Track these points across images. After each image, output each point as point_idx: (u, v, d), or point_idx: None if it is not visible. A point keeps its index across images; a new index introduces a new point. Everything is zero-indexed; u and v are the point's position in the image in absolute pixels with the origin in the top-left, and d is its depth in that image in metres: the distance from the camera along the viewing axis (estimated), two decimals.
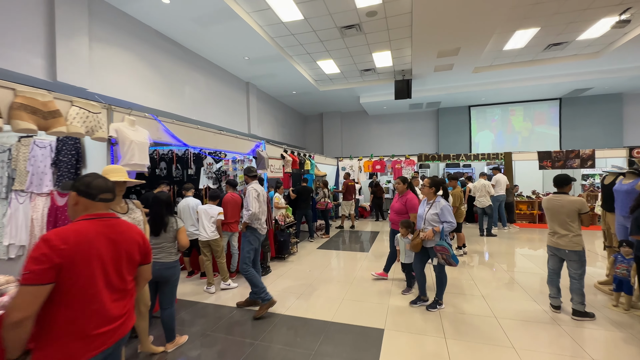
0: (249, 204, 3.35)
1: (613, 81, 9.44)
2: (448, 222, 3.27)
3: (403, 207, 4.12)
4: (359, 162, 9.96)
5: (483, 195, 7.49)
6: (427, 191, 3.48)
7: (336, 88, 10.45)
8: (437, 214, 3.32)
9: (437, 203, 3.37)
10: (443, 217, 3.28)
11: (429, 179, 3.55)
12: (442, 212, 3.30)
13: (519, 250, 6.12)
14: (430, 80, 9.79)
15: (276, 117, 11.69)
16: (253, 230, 3.45)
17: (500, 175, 7.94)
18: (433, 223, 3.33)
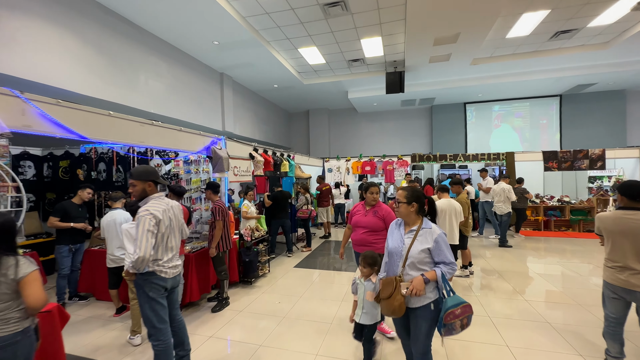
0: (138, 239, 2.04)
1: (619, 76, 8.77)
2: (448, 264, 1.93)
3: (380, 222, 2.71)
4: (347, 163, 9.02)
5: (502, 201, 6.65)
6: (406, 210, 2.06)
7: (322, 81, 9.50)
8: (428, 250, 1.96)
9: (427, 231, 1.99)
10: (440, 255, 1.94)
11: (404, 189, 2.13)
12: (437, 246, 1.94)
13: (535, 267, 5.25)
14: (424, 73, 8.93)
15: (257, 114, 10.65)
16: (149, 275, 2.16)
17: (489, 179, 7.22)
18: (421, 266, 1.96)
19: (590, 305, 3.56)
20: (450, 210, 4.06)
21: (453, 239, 4.08)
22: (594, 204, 7.29)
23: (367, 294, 2.38)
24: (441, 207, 4.09)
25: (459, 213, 4.09)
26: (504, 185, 6.71)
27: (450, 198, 4.18)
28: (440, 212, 4.07)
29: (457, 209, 4.08)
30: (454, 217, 4.06)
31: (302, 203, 6.01)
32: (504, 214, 6.65)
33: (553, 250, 6.14)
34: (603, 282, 2.35)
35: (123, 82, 5.56)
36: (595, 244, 6.57)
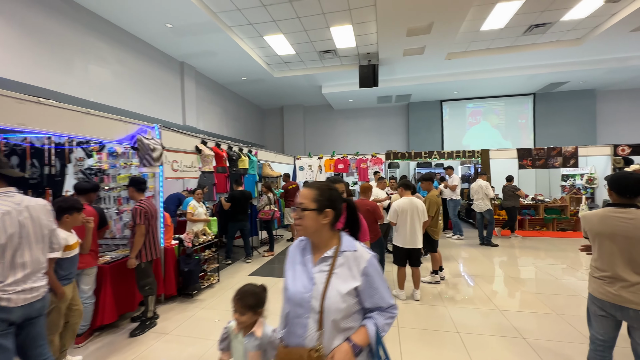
0: None
1: (590, 74, 8.78)
2: (385, 310, 1.21)
3: None
4: (320, 161, 8.54)
5: (481, 199, 6.43)
6: (314, 223, 1.21)
7: (293, 74, 8.97)
8: (355, 292, 1.17)
9: (350, 257, 1.20)
10: (373, 296, 1.19)
11: (311, 186, 1.28)
12: (367, 282, 1.18)
13: (510, 270, 4.95)
14: (399, 68, 8.59)
15: (225, 109, 9.98)
16: None
17: (455, 176, 6.99)
18: (347, 323, 1.16)
19: (570, 315, 3.23)
20: (412, 210, 3.66)
21: (415, 242, 3.69)
22: (567, 202, 7.18)
23: (249, 357, 1.46)
24: (402, 207, 3.69)
25: (422, 212, 3.71)
26: (482, 182, 6.47)
27: (412, 197, 3.77)
28: (400, 212, 3.68)
29: (420, 208, 3.69)
30: (416, 218, 3.65)
31: (264, 203, 5.46)
32: (483, 211, 6.39)
33: (528, 251, 5.91)
34: (589, 295, 1.93)
35: (61, 68, 4.81)
36: (569, 244, 6.42)
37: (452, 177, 7.05)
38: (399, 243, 3.74)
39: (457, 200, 6.90)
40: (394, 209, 3.71)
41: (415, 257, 3.76)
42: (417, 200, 3.70)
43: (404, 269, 3.81)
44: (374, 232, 3.81)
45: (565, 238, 6.75)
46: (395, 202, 3.75)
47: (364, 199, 3.89)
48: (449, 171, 7.16)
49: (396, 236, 3.78)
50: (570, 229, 7.30)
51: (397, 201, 3.73)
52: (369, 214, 3.78)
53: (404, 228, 3.66)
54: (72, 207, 2.33)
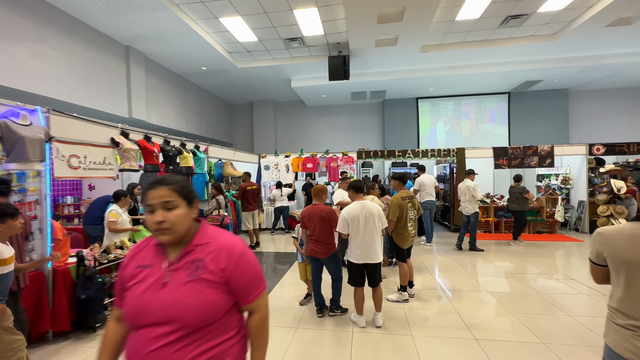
0: None
1: (563, 73, 8.65)
2: None
3: None
4: (286, 160, 7.85)
5: (468, 201, 5.89)
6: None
7: (258, 65, 8.23)
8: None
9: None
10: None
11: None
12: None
13: (488, 282, 4.47)
14: (372, 61, 8.06)
15: (185, 102, 9.07)
16: None
17: (425, 176, 6.47)
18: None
19: (559, 345, 2.71)
20: (366, 216, 2.99)
21: (372, 255, 3.00)
22: (543, 203, 6.89)
23: None
24: (352, 214, 3.00)
25: (379, 217, 3.07)
26: (469, 182, 5.94)
27: (365, 200, 3.16)
28: (351, 220, 3.01)
29: (375, 212, 3.04)
30: (372, 225, 3.00)
31: (212, 207, 4.69)
32: (470, 214, 5.89)
33: (505, 256, 5.50)
34: (606, 349, 1.33)
35: None
36: (544, 247, 6.09)
37: (419, 178, 6.49)
38: (352, 258, 3.06)
39: (432, 201, 6.40)
40: (342, 217, 3.05)
41: (374, 273, 3.06)
42: (370, 204, 3.07)
43: (362, 290, 3.10)
44: (328, 245, 3.18)
45: (541, 241, 6.44)
46: (343, 209, 3.10)
47: (317, 203, 3.24)
48: (419, 172, 6.64)
49: (349, 250, 3.14)
50: (546, 231, 7.03)
51: (346, 207, 3.10)
52: (324, 222, 3.14)
53: (357, 239, 3.00)
54: (3, 214, 1.96)
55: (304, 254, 3.41)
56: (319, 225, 3.15)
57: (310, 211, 3.21)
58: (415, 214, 3.88)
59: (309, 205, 3.31)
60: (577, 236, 6.75)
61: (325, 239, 3.16)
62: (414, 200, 3.89)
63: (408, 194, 3.89)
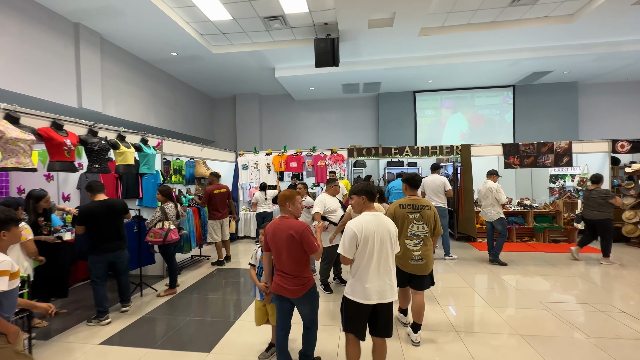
0: None
1: (576, 62, 7.82)
2: None
3: None
4: (267, 158, 6.87)
5: (490, 205, 5.02)
6: None
7: (236, 50, 7.24)
8: None
9: None
10: None
11: None
12: None
13: (515, 315, 3.54)
14: (365, 46, 7.12)
15: (156, 94, 8.04)
16: None
17: (430, 176, 5.47)
18: None
19: None
20: (384, 236, 2.06)
21: (387, 293, 2.07)
22: (560, 208, 6.03)
23: None
24: (366, 229, 2.05)
25: (395, 238, 2.13)
26: (491, 184, 5.03)
27: (377, 211, 2.20)
28: (364, 239, 2.04)
29: (393, 232, 2.13)
30: (389, 249, 2.08)
31: (155, 219, 3.66)
32: (493, 220, 5.00)
33: (532, 275, 4.56)
34: None
35: None
36: (563, 262, 5.20)
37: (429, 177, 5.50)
38: (358, 296, 2.06)
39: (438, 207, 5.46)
40: (350, 232, 2.06)
41: (386, 318, 2.11)
42: (386, 219, 2.14)
43: (359, 345, 2.16)
44: (300, 278, 2.22)
45: (558, 253, 5.56)
46: (351, 222, 2.12)
47: (285, 216, 2.28)
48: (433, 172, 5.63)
49: (352, 283, 2.13)
50: (562, 240, 6.16)
51: (356, 219, 2.12)
52: (292, 245, 2.17)
53: (368, 269, 2.04)
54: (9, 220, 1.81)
55: (264, 290, 2.44)
56: (285, 249, 2.18)
57: (275, 228, 2.25)
58: (427, 229, 2.87)
59: (275, 219, 2.33)
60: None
61: (296, 270, 2.20)
62: (425, 212, 2.87)
63: (414, 202, 2.93)
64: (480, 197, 5.15)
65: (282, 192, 2.33)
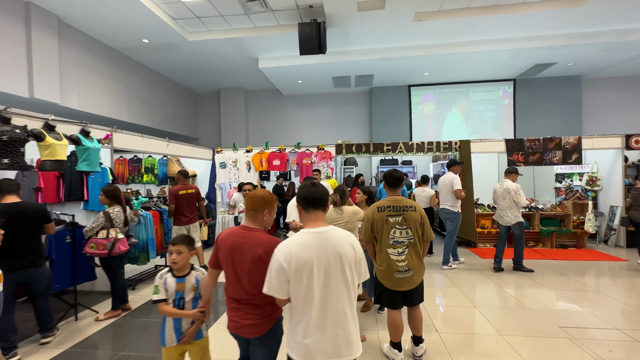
0: None
1: (582, 52, 7.29)
2: None
3: None
4: (247, 155, 6.25)
5: (507, 207, 4.45)
6: None
7: (215, 37, 6.60)
8: None
9: None
10: None
11: None
12: None
13: (538, 336, 2.95)
14: (355, 32, 6.53)
15: (129, 87, 7.38)
16: None
17: (449, 173, 4.92)
18: None
19: None
20: (329, 263, 1.39)
21: (344, 349, 1.39)
22: (569, 209, 5.47)
23: None
24: (297, 257, 1.37)
25: (358, 262, 1.46)
26: (509, 184, 4.44)
27: (327, 224, 1.49)
28: (295, 271, 1.37)
29: (349, 253, 1.43)
30: (342, 282, 1.40)
31: (96, 226, 3.02)
32: (512, 224, 4.42)
33: (544, 290, 3.97)
34: None
35: None
36: (576, 269, 4.64)
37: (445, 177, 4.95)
38: (295, 354, 1.40)
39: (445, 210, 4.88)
40: (276, 262, 1.41)
41: None
42: (337, 234, 1.45)
43: None
44: (265, 308, 1.60)
45: (568, 260, 4.99)
46: (278, 248, 1.45)
47: (251, 227, 1.65)
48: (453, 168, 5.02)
49: (288, 334, 1.47)
50: (571, 245, 5.61)
51: (286, 242, 1.46)
52: (259, 268, 1.55)
53: (307, 313, 1.37)
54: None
55: (197, 317, 1.81)
56: (247, 273, 1.57)
57: (234, 242, 1.62)
58: (411, 234, 2.36)
59: (236, 228, 1.69)
60: (612, 252, 5.35)
61: (259, 297, 1.57)
62: (409, 214, 2.36)
63: (395, 203, 2.40)
64: (496, 198, 4.56)
65: (258, 194, 1.68)
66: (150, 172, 6.39)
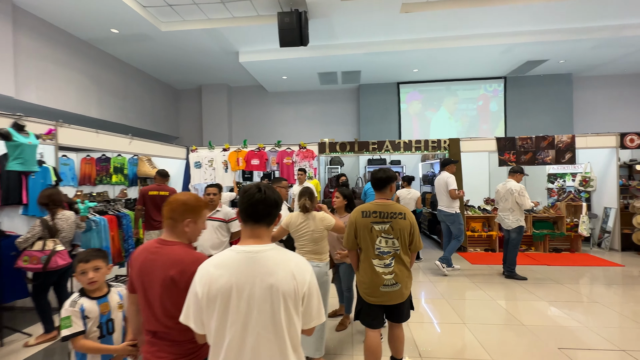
0: None
1: (574, 49, 7.08)
2: None
3: None
4: (224, 155, 5.83)
5: (509, 209, 4.14)
6: None
7: (190, 28, 6.17)
8: None
9: None
10: None
11: None
12: None
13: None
14: (340, 26, 6.18)
15: (100, 81, 6.89)
16: None
17: (443, 173, 4.62)
18: None
19: None
20: (254, 295, 1.02)
21: None
22: (562, 211, 5.21)
23: None
24: (214, 283, 1.02)
25: (308, 295, 1.07)
26: (512, 184, 4.15)
27: (259, 241, 1.12)
28: (207, 303, 1.02)
29: (288, 286, 1.04)
30: (270, 323, 1.01)
31: (32, 236, 2.56)
32: (511, 228, 4.12)
33: (538, 302, 3.67)
34: None
35: None
36: (582, 282, 4.36)
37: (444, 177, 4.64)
38: None
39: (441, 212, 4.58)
40: (192, 288, 1.07)
41: None
42: (281, 259, 1.07)
43: None
44: (185, 345, 1.25)
45: (563, 266, 4.72)
46: (198, 272, 1.08)
47: (168, 241, 1.30)
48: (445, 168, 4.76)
49: None
50: (565, 249, 5.34)
51: (206, 263, 1.09)
52: (172, 293, 1.22)
53: None
54: None
55: (125, 354, 1.45)
56: (159, 298, 1.23)
57: (146, 259, 1.27)
58: (398, 244, 2.03)
59: (150, 242, 1.31)
60: (607, 256, 5.10)
61: (175, 332, 1.22)
62: (397, 222, 2.02)
63: (382, 208, 2.07)
64: (498, 199, 4.26)
65: (178, 198, 1.31)
66: (119, 172, 5.93)
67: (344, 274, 2.84)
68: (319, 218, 2.33)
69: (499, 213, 4.28)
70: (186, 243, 1.30)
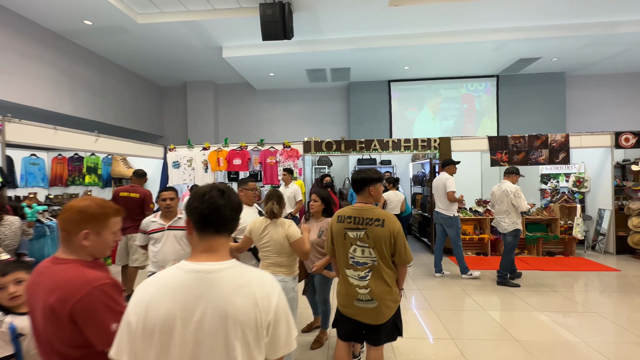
0: None
1: (567, 47, 6.92)
2: None
3: None
4: (204, 154, 5.52)
5: (505, 211, 3.95)
6: None
7: (169, 20, 5.84)
8: None
9: None
10: None
11: None
12: None
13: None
14: (327, 20, 5.91)
15: (73, 76, 6.51)
16: None
17: (442, 174, 4.39)
18: None
19: None
20: (202, 325, 0.78)
21: None
22: (556, 213, 5.02)
23: None
24: (152, 309, 0.78)
25: (275, 324, 0.84)
26: (508, 185, 3.97)
27: (214, 257, 0.87)
28: (143, 333, 0.77)
29: (248, 317, 0.81)
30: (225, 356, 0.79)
31: None
32: (507, 232, 3.92)
33: (534, 312, 3.44)
34: None
35: None
36: (577, 289, 4.16)
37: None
38: None
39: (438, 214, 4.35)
40: (125, 314, 0.81)
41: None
42: (235, 278, 0.83)
43: None
44: None
45: (558, 271, 4.51)
46: (136, 292, 0.83)
47: (62, 259, 1.04)
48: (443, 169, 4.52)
49: None
50: (559, 252, 5.15)
51: (144, 283, 0.84)
52: (54, 325, 0.97)
53: None
54: None
55: None
56: (43, 332, 0.98)
57: (32, 280, 1.01)
58: (375, 255, 1.78)
59: (46, 262, 1.03)
60: (601, 259, 4.92)
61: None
62: (373, 230, 1.77)
63: (357, 212, 1.84)
64: (494, 202, 4.05)
65: (72, 205, 1.03)
66: (93, 172, 5.60)
67: (319, 285, 2.57)
68: (287, 225, 2.05)
69: (495, 216, 4.07)
70: (87, 260, 1.02)
